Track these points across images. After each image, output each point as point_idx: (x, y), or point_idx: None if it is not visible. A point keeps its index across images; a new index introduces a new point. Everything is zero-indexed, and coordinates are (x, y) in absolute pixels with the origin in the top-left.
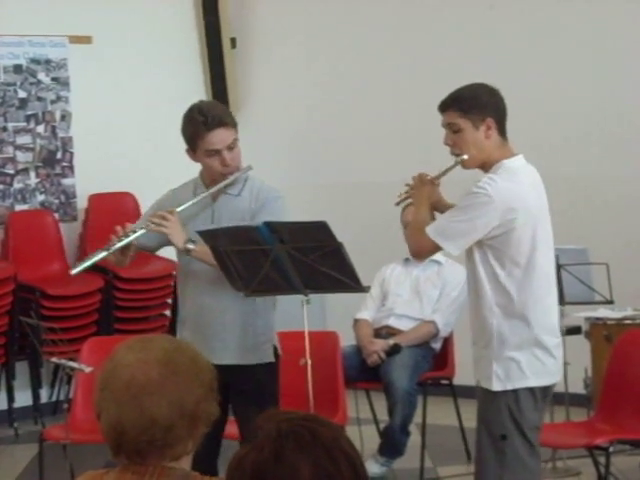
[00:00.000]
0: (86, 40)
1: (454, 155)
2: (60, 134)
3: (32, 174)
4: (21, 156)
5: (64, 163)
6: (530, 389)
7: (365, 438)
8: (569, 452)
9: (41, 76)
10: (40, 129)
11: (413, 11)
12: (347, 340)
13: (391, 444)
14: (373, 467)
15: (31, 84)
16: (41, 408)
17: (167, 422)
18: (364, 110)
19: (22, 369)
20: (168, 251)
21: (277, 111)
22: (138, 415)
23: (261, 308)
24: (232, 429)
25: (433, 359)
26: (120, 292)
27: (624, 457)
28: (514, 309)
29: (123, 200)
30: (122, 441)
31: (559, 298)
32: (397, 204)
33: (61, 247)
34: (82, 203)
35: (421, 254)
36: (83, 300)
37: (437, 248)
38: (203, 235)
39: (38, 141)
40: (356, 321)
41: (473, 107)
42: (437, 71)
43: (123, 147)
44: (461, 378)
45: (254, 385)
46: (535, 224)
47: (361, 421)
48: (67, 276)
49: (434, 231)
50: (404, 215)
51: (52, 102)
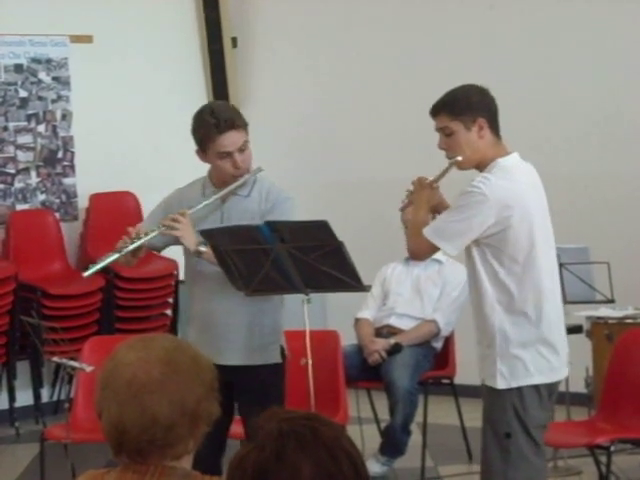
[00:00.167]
0: (87, 39)
1: (449, 159)
2: (61, 133)
3: (33, 173)
4: (22, 155)
5: (65, 162)
6: (535, 386)
7: (366, 437)
8: (570, 451)
9: (42, 75)
10: (41, 128)
11: (413, 10)
12: (348, 339)
13: (392, 443)
14: (374, 466)
15: (32, 83)
16: (42, 407)
17: (168, 421)
18: (365, 109)
19: (23, 368)
20: (169, 251)
21: (278, 110)
22: (139, 414)
23: (268, 308)
24: (238, 429)
25: (434, 358)
26: (121, 291)
27: (625, 456)
28: (515, 306)
29: (124, 199)
30: (123, 440)
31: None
32: (401, 210)
33: (62, 246)
34: (83, 202)
35: (420, 256)
36: (84, 299)
37: (435, 249)
38: (204, 234)
39: (39, 140)
40: (357, 320)
41: (463, 109)
42: (437, 70)
43: (124, 146)
44: (462, 377)
45: (260, 385)
46: (532, 221)
47: (362, 420)
48: (68, 275)
49: (431, 232)
50: (404, 214)
51: (53, 101)
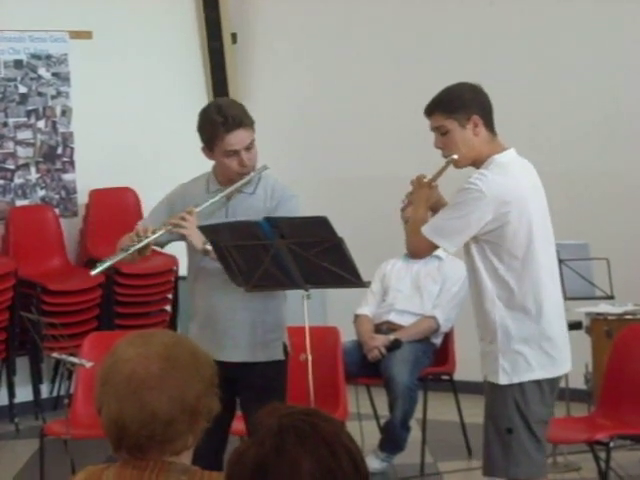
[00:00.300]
0: (86, 35)
1: (445, 157)
2: (60, 129)
3: (33, 169)
4: (22, 151)
5: (64, 158)
6: (537, 382)
7: (366, 433)
8: (569, 447)
9: (41, 71)
10: (41, 124)
11: (413, 10)
12: (348, 335)
13: (392, 439)
14: (374, 462)
15: (31, 79)
16: (42, 403)
17: (167, 417)
18: (364, 105)
19: (23, 364)
20: (169, 247)
21: (277, 108)
22: (138, 410)
23: (271, 305)
24: (239, 425)
25: (434, 354)
26: (121, 287)
27: (624, 452)
28: (516, 301)
29: (124, 195)
30: (123, 436)
31: None
32: (402, 210)
33: (62, 242)
34: (83, 198)
35: (419, 254)
36: (84, 295)
37: (434, 247)
38: (204, 230)
39: (39, 136)
40: (357, 316)
41: (457, 107)
42: (437, 69)
43: (123, 142)
44: (462, 373)
45: (262, 382)
46: (530, 216)
47: (362, 416)
48: (68, 271)
49: (430, 230)
50: (405, 213)
51: (52, 97)
